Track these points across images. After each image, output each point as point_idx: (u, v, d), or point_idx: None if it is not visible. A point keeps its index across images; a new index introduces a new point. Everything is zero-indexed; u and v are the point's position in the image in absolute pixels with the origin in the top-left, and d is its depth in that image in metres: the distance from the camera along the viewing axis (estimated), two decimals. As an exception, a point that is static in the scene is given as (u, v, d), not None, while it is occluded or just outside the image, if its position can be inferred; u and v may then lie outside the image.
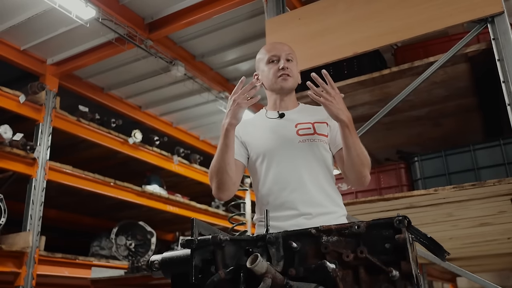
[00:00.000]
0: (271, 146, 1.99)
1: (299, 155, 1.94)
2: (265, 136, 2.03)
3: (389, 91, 3.10)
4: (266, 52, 2.13)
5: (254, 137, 2.05)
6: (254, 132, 2.07)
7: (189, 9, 4.65)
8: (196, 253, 1.22)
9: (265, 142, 2.01)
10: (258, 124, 2.12)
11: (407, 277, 1.06)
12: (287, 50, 2.11)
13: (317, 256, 1.15)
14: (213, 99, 6.40)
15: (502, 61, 2.55)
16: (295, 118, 2.05)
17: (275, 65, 2.07)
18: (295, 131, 1.99)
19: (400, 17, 2.84)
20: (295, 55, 2.14)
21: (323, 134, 2.00)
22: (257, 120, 2.16)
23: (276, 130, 2.03)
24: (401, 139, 3.88)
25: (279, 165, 1.96)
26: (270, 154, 1.98)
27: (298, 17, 3.22)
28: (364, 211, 3.19)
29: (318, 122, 2.02)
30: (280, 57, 2.07)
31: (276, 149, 1.98)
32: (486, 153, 2.80)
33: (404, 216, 1.09)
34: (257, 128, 2.09)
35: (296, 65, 2.14)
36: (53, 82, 5.56)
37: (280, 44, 2.16)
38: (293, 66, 2.09)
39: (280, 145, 1.97)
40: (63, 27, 4.88)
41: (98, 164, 6.34)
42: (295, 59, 2.12)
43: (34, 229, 4.96)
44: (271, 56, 2.09)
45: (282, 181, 1.93)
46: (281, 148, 1.97)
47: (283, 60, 2.06)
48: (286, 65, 2.05)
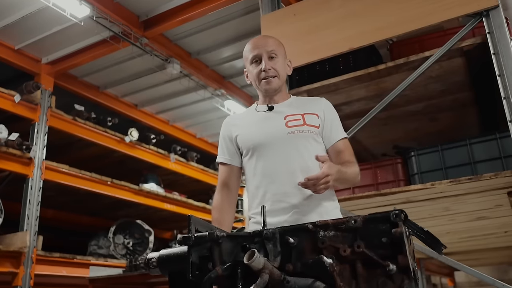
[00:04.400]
0: (259, 139, 1.98)
1: (288, 147, 1.93)
2: (253, 130, 2.02)
3: (385, 86, 3.10)
4: (249, 51, 2.09)
5: (244, 131, 2.05)
6: (243, 126, 2.07)
7: (184, 6, 4.64)
8: (193, 250, 1.21)
9: (253, 136, 2.00)
10: (247, 118, 2.12)
11: (404, 270, 1.06)
12: (270, 46, 2.05)
13: (314, 251, 1.16)
14: (209, 97, 6.39)
15: (497, 55, 2.55)
16: (285, 110, 2.04)
17: (257, 66, 2.04)
18: (284, 123, 1.98)
19: (395, 12, 2.84)
20: (280, 47, 2.09)
21: (313, 125, 1.98)
22: (247, 114, 2.16)
23: (264, 123, 2.02)
24: (397, 134, 3.89)
25: (268, 158, 1.95)
26: (258, 147, 1.98)
27: (293, 13, 3.22)
28: (361, 206, 3.19)
29: (308, 114, 2.01)
30: (261, 56, 2.03)
31: (264, 142, 1.97)
32: (483, 147, 2.80)
33: (401, 210, 1.10)
34: (246, 122, 2.09)
35: (283, 57, 2.09)
36: (48, 81, 5.54)
37: (263, 40, 2.10)
38: (277, 63, 2.04)
39: (269, 138, 1.97)
40: (58, 25, 4.85)
41: (94, 163, 6.33)
42: (280, 53, 2.07)
43: (31, 229, 4.95)
44: (253, 56, 2.05)
45: (271, 174, 1.92)
46: (269, 140, 1.96)
47: (264, 60, 2.01)
48: (268, 66, 2.01)
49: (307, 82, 3.18)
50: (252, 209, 2.00)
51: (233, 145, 2.07)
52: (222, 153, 2.11)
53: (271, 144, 1.95)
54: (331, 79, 3.07)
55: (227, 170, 2.09)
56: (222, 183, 2.08)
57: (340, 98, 3.29)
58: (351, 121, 3.29)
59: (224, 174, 2.09)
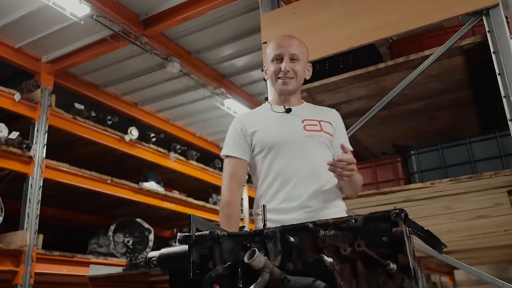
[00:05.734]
0: (277, 139, 2.00)
1: (305, 150, 1.97)
2: (272, 129, 2.04)
3: (385, 85, 3.10)
4: (272, 49, 2.10)
5: (260, 129, 2.06)
6: (260, 124, 2.08)
7: (184, 5, 4.63)
8: (193, 249, 1.21)
9: (272, 135, 2.02)
10: (264, 116, 2.12)
11: (404, 269, 1.06)
12: (293, 48, 2.06)
13: (314, 250, 1.16)
14: (209, 95, 6.39)
15: (497, 53, 2.55)
16: (302, 114, 2.09)
17: (277, 65, 2.06)
18: (302, 126, 2.02)
19: (395, 10, 2.84)
20: (304, 51, 2.11)
21: (328, 133, 2.05)
22: (263, 112, 2.16)
23: (283, 124, 2.05)
24: (397, 132, 3.89)
25: (284, 158, 1.98)
26: (276, 146, 2.00)
27: (293, 12, 3.21)
28: (361, 205, 3.20)
29: (324, 121, 2.07)
30: (283, 57, 2.05)
31: (282, 142, 2.00)
32: (482, 145, 2.81)
33: (401, 209, 1.10)
34: (263, 120, 2.09)
35: (305, 61, 2.11)
36: (48, 80, 5.53)
37: (288, 41, 2.10)
38: (298, 66, 2.06)
39: (287, 139, 2.00)
40: (58, 24, 4.84)
41: (94, 162, 6.32)
42: (302, 57, 2.08)
43: (31, 228, 4.95)
44: (275, 55, 2.07)
45: (287, 174, 1.95)
46: (288, 141, 1.99)
47: (285, 61, 2.03)
48: (288, 68, 2.03)
49: (307, 81, 3.16)
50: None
51: (247, 141, 2.07)
52: (234, 147, 2.08)
53: (289, 145, 1.99)
54: (331, 78, 3.08)
55: (237, 163, 2.06)
56: (231, 176, 2.05)
57: (340, 97, 3.29)
58: (351, 119, 3.28)
59: (234, 168, 2.06)
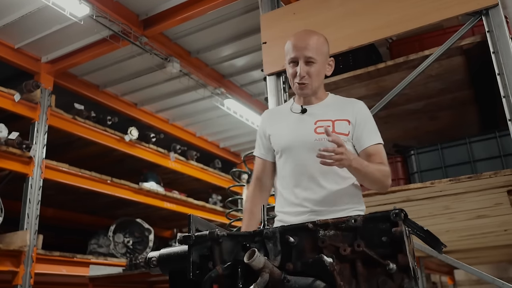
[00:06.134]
0: (288, 143, 2.02)
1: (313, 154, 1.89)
2: (285, 132, 2.06)
3: (384, 85, 3.10)
4: (288, 51, 2.04)
5: (277, 131, 2.10)
6: (277, 126, 2.11)
7: (184, 5, 4.63)
8: (193, 249, 1.22)
9: (284, 138, 2.05)
10: (283, 117, 2.14)
11: (404, 269, 1.06)
12: (309, 50, 1.98)
13: (314, 251, 1.16)
14: (209, 95, 6.39)
15: (497, 53, 2.55)
16: (317, 113, 2.03)
17: (293, 69, 2.02)
18: (313, 128, 1.98)
19: (394, 10, 2.83)
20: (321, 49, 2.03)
21: (342, 133, 1.95)
22: (283, 112, 2.17)
23: (295, 127, 2.04)
24: (397, 132, 3.88)
25: (294, 162, 2.00)
26: (287, 150, 2.03)
27: (293, 12, 3.21)
28: (361, 205, 3.19)
29: (339, 120, 2.00)
30: (298, 60, 1.99)
31: (292, 146, 2.01)
32: (482, 145, 2.80)
33: (401, 209, 1.10)
34: (281, 122, 2.12)
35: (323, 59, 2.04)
36: (48, 80, 5.53)
37: (304, 42, 2.01)
38: (313, 67, 1.99)
39: (296, 143, 2.00)
40: (57, 24, 4.85)
41: (94, 162, 6.33)
42: (319, 56, 2.00)
43: (31, 228, 4.95)
44: (291, 58, 2.02)
45: (296, 178, 1.98)
46: (297, 145, 2.00)
47: (300, 65, 1.98)
48: (303, 73, 1.97)
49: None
50: (278, 206, 2.06)
51: (268, 142, 2.13)
52: (258, 147, 2.18)
53: (298, 149, 1.99)
54: (331, 78, 3.06)
55: (261, 164, 2.16)
56: (255, 176, 2.17)
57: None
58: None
59: (258, 168, 2.17)
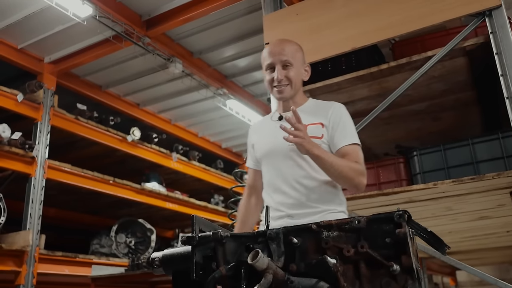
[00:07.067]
0: (266, 151, 2.09)
1: (288, 160, 1.99)
2: (264, 140, 2.12)
3: (387, 85, 3.10)
4: (264, 58, 2.10)
5: (259, 140, 2.17)
6: (259, 135, 2.19)
7: (186, 6, 4.64)
8: (197, 249, 1.22)
9: (264, 146, 2.11)
10: (265, 126, 2.21)
11: (407, 271, 1.06)
12: (285, 55, 2.03)
13: (317, 252, 1.16)
14: (211, 96, 6.39)
15: (500, 54, 2.54)
16: None
17: (270, 74, 2.06)
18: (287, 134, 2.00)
19: (397, 11, 2.83)
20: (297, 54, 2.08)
21: (315, 137, 1.96)
22: (266, 121, 2.25)
23: (273, 134, 2.06)
24: (400, 133, 3.88)
25: (271, 168, 2.06)
26: (265, 158, 2.09)
27: (296, 13, 3.21)
28: (364, 206, 3.19)
29: (312, 124, 2.02)
30: (275, 65, 2.04)
31: (269, 153, 2.07)
32: (485, 146, 2.80)
33: (405, 210, 1.10)
34: (263, 131, 2.19)
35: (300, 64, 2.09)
36: (51, 80, 5.54)
37: (279, 47, 2.07)
38: (291, 71, 2.03)
39: (273, 150, 2.05)
40: (60, 25, 4.86)
41: (97, 162, 6.34)
42: (295, 61, 2.05)
43: (34, 228, 4.96)
44: (267, 64, 2.07)
45: (273, 183, 2.03)
46: (273, 152, 2.05)
47: (277, 70, 2.03)
48: (280, 76, 2.01)
49: (310, 82, 3.17)
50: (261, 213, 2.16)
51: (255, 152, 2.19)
52: (249, 158, 2.26)
53: (274, 156, 2.04)
54: (333, 79, 3.07)
55: (252, 173, 2.25)
56: (248, 185, 2.27)
57: (343, 98, 3.29)
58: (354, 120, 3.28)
59: (250, 178, 2.27)
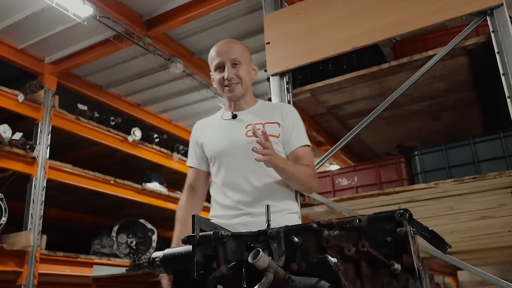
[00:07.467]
0: (220, 148, 2.07)
1: (246, 157, 1.98)
2: (217, 138, 2.10)
3: (388, 85, 3.10)
4: (212, 58, 2.12)
5: (209, 138, 2.14)
6: (209, 133, 2.16)
7: (187, 6, 4.64)
8: (197, 249, 1.22)
9: (216, 144, 2.09)
10: (213, 125, 2.19)
11: (409, 270, 1.06)
12: (233, 53, 2.08)
13: (318, 251, 1.16)
14: (212, 96, 6.39)
15: (501, 53, 2.54)
16: (247, 119, 2.09)
17: (220, 74, 2.08)
18: (244, 132, 2.03)
19: (398, 10, 2.83)
20: (245, 54, 2.13)
21: (273, 135, 2.01)
22: (214, 121, 2.22)
23: (226, 132, 2.08)
24: (401, 133, 3.88)
25: (226, 167, 2.04)
26: (219, 156, 2.07)
27: (296, 12, 3.21)
28: (365, 205, 3.19)
29: (269, 123, 2.05)
30: (224, 64, 2.06)
31: (224, 151, 2.05)
32: (486, 146, 2.80)
33: (406, 209, 1.09)
34: (212, 130, 2.16)
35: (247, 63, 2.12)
36: (52, 80, 5.54)
37: (226, 47, 2.11)
38: (240, 70, 2.08)
39: (228, 147, 2.04)
40: (61, 25, 4.85)
41: (97, 162, 6.33)
42: (243, 59, 2.10)
43: (35, 228, 4.96)
44: (216, 64, 2.09)
45: (229, 182, 2.02)
46: (229, 150, 2.04)
47: (227, 68, 2.05)
48: (231, 75, 2.05)
49: (310, 82, 3.18)
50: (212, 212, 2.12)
51: (201, 151, 2.16)
52: (191, 157, 2.22)
53: (231, 154, 2.03)
54: (334, 78, 3.07)
55: (194, 173, 2.23)
56: (188, 185, 2.24)
57: (344, 97, 3.29)
58: (354, 120, 3.29)
59: (191, 177, 2.24)
